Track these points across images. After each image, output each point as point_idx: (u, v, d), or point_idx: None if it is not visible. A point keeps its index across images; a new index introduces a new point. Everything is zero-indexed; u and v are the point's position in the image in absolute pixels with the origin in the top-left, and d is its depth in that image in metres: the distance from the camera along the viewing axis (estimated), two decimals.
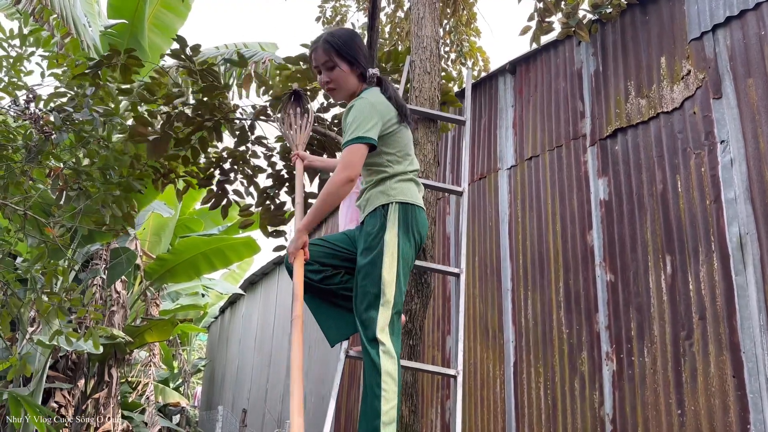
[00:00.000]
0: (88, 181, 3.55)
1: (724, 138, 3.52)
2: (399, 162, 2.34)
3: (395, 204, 2.27)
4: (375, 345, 2.11)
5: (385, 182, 2.31)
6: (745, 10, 3.49)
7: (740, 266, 3.33)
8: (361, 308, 2.19)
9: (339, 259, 2.43)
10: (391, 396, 2.05)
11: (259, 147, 4.43)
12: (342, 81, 2.38)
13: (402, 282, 2.24)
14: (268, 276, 12.45)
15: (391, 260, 2.20)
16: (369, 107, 2.26)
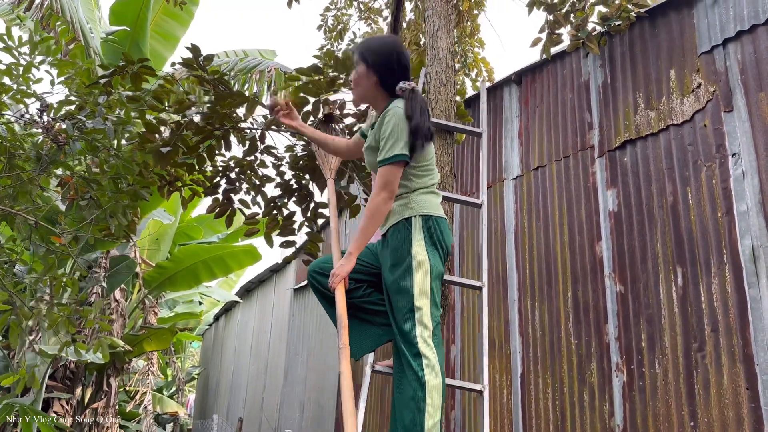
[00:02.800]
0: (99, 190, 3.51)
1: (736, 151, 3.54)
2: (422, 176, 2.35)
3: (418, 217, 2.28)
4: (419, 359, 2.11)
5: (407, 196, 2.32)
6: (756, 24, 3.52)
7: (753, 279, 3.35)
8: (399, 324, 2.18)
9: (362, 273, 2.42)
10: (435, 411, 2.05)
11: (268, 156, 4.41)
12: (357, 82, 2.42)
13: (435, 293, 2.24)
14: (265, 283, 12.41)
15: (421, 273, 2.20)
16: (404, 121, 2.27)
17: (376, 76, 2.39)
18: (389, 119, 2.27)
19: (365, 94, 2.42)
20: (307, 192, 4.28)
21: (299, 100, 3.87)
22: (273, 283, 11.82)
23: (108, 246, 5.34)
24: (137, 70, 3.92)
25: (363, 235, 2.26)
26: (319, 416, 8.34)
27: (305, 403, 9.00)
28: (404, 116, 2.28)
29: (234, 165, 4.62)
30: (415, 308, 2.18)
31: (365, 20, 7.04)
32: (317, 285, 2.42)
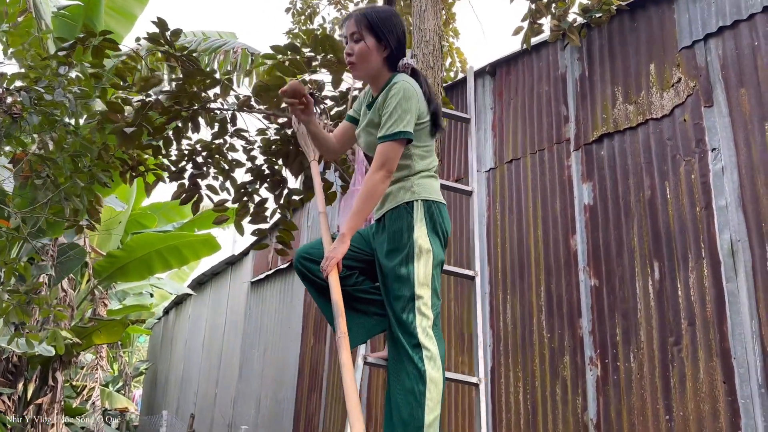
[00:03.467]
0: (55, 169, 3.25)
1: (716, 146, 3.56)
2: (425, 157, 2.23)
3: (420, 201, 2.15)
4: (418, 350, 1.98)
5: (408, 178, 2.19)
6: (738, 20, 3.54)
7: (731, 273, 3.37)
8: (398, 313, 2.05)
9: (353, 260, 2.28)
10: (435, 405, 1.93)
11: (239, 140, 4.21)
12: (364, 58, 2.22)
13: (436, 282, 2.12)
14: (219, 276, 12.07)
15: (423, 261, 2.08)
16: (413, 96, 2.14)
17: (388, 51, 2.24)
18: (395, 93, 2.14)
19: (372, 69, 2.26)
20: (281, 178, 4.10)
21: (275, 80, 3.69)
22: (228, 276, 11.50)
23: (59, 232, 5.01)
24: (99, 44, 3.67)
25: (358, 215, 2.13)
26: (277, 412, 8.14)
27: (261, 398, 8.78)
28: (413, 92, 2.16)
29: (201, 149, 4.40)
30: (416, 297, 2.06)
31: (335, 5, 6.87)
32: (305, 271, 2.27)
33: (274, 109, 3.79)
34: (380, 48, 2.23)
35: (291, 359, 8.07)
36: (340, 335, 1.89)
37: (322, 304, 2.28)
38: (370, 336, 2.26)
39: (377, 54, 2.23)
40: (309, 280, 2.29)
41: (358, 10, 2.28)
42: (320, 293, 2.28)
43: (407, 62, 2.27)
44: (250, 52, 5.81)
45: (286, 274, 8.95)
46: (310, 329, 7.81)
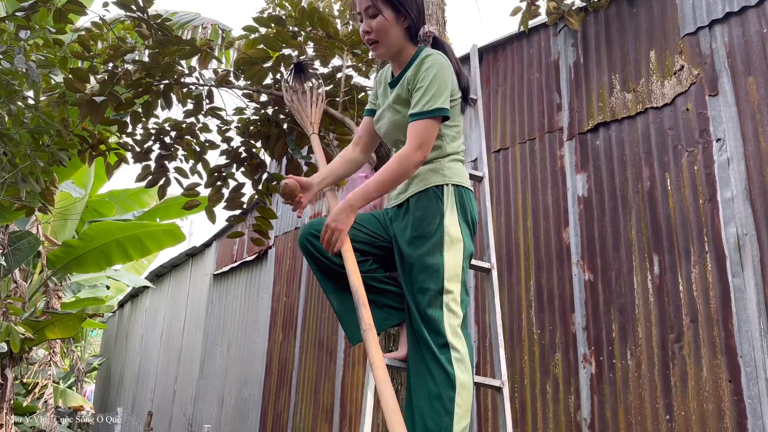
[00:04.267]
0: (13, 147, 2.89)
1: (721, 136, 3.43)
2: (454, 139, 2.00)
3: (451, 186, 1.93)
4: (446, 351, 1.75)
5: (438, 160, 1.96)
6: (746, 6, 3.41)
7: (738, 268, 3.24)
8: (424, 308, 1.81)
9: (369, 245, 2.04)
10: (465, 413, 1.70)
11: (214, 119, 3.89)
12: (384, 33, 1.99)
13: (465, 276, 1.89)
14: (179, 268, 11.60)
15: (454, 251, 1.85)
16: (448, 71, 1.92)
17: (408, 22, 2.01)
18: (430, 66, 1.91)
19: (394, 44, 2.02)
20: (260, 161, 3.81)
21: (258, 53, 3.39)
22: (189, 268, 11.05)
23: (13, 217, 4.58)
24: (63, 6, 3.30)
25: (376, 188, 1.88)
26: (242, 410, 7.81)
27: (225, 396, 8.42)
28: (448, 66, 1.93)
29: (170, 128, 4.06)
30: (444, 291, 1.82)
31: None
32: (313, 250, 2.00)
33: (257, 86, 3.49)
34: (400, 20, 2.01)
35: (257, 355, 7.75)
36: (366, 327, 1.64)
37: (330, 289, 2.03)
38: (380, 331, 2.01)
39: (397, 27, 2.01)
40: (316, 260, 2.02)
41: None
42: (328, 277, 2.03)
43: (428, 30, 2.04)
44: (220, 27, 5.47)
45: (252, 266, 8.60)
46: (278, 324, 7.50)
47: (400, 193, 2.04)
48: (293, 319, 7.19)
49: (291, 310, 7.28)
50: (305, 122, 2.53)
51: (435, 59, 1.94)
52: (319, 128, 2.53)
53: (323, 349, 6.45)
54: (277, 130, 3.66)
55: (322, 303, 6.65)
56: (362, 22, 2.03)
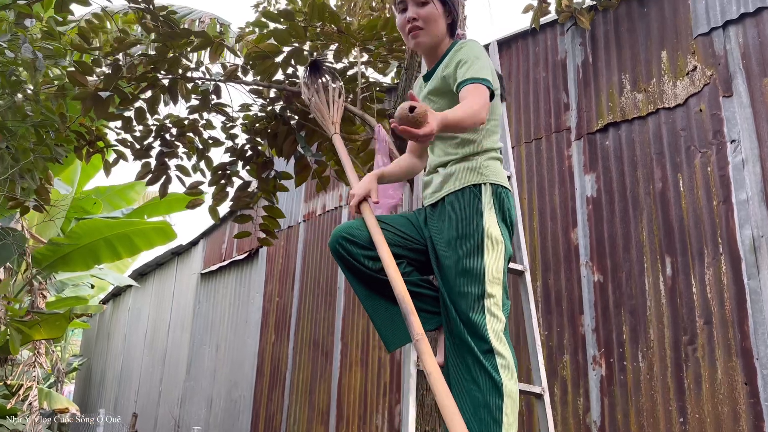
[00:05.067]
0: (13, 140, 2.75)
1: (735, 137, 3.42)
2: (493, 133, 1.93)
3: (489, 185, 1.85)
4: (491, 358, 1.67)
5: (475, 157, 1.89)
6: (762, 7, 3.40)
7: (753, 270, 3.23)
8: (466, 313, 1.74)
9: (402, 247, 1.96)
10: (513, 422, 1.63)
11: (218, 115, 3.78)
12: (433, 21, 1.95)
13: (506, 279, 1.82)
14: (164, 267, 11.39)
15: (495, 253, 1.78)
16: (486, 56, 1.85)
17: (450, 18, 2.01)
18: (469, 47, 1.87)
19: (438, 35, 1.99)
20: (267, 159, 3.71)
21: (270, 48, 3.30)
22: (174, 267, 10.86)
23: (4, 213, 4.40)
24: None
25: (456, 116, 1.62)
26: (232, 411, 7.68)
27: (214, 397, 8.28)
28: (485, 52, 1.88)
29: (171, 124, 3.94)
30: (486, 294, 1.75)
31: None
32: (347, 255, 1.92)
33: (267, 81, 3.39)
34: (446, 14, 1.99)
35: (248, 356, 7.62)
36: (418, 338, 1.56)
37: (364, 294, 1.95)
38: None
39: (443, 20, 1.98)
40: (349, 264, 1.94)
41: None
42: (361, 281, 1.95)
43: (462, 33, 2.02)
44: (219, 22, 5.35)
45: (242, 265, 8.46)
46: (270, 325, 7.38)
47: (435, 191, 1.97)
48: (286, 320, 7.08)
49: (284, 311, 7.17)
50: (327, 122, 2.45)
51: (473, 42, 1.92)
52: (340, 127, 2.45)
53: (318, 350, 6.36)
54: (285, 128, 3.57)
55: (317, 303, 6.56)
56: (404, 11, 1.98)
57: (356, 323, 5.87)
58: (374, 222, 1.92)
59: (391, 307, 1.91)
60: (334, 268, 6.43)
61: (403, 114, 1.48)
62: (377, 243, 1.86)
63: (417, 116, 1.47)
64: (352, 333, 5.90)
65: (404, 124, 1.48)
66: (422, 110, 1.48)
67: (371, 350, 5.61)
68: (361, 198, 2.01)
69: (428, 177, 2.05)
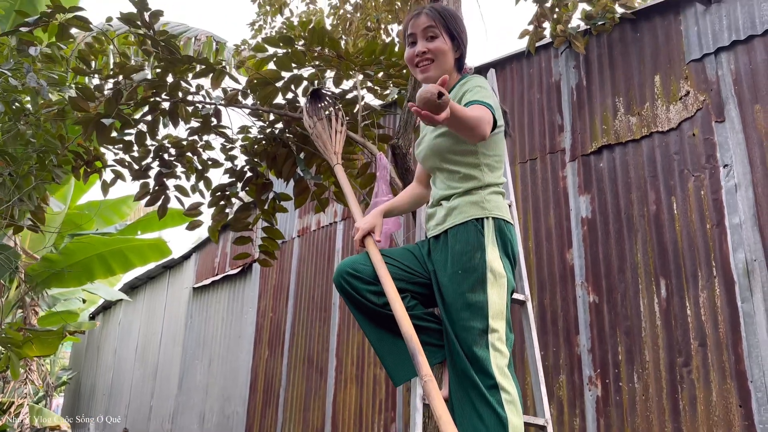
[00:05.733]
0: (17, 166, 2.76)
1: (728, 162, 3.48)
2: (495, 169, 1.96)
3: (491, 219, 1.88)
4: (496, 392, 1.70)
5: (478, 191, 1.91)
6: (753, 35, 3.48)
7: (747, 293, 3.28)
8: (470, 347, 1.76)
9: (406, 281, 1.98)
10: None
11: (218, 137, 3.80)
12: (441, 55, 1.99)
13: (509, 313, 1.85)
14: (155, 281, 11.35)
15: (497, 287, 1.80)
16: (492, 92, 1.89)
17: (459, 53, 2.05)
18: (475, 81, 1.92)
19: (447, 68, 2.02)
20: (266, 181, 3.73)
21: (271, 74, 3.33)
22: (166, 281, 10.81)
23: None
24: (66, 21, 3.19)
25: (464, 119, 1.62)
26: (225, 427, 7.64)
27: (206, 412, 8.23)
28: (490, 88, 1.92)
29: (170, 145, 3.95)
30: (489, 329, 1.78)
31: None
32: (352, 291, 1.94)
33: (267, 105, 3.42)
34: (454, 48, 2.03)
35: (241, 372, 7.59)
36: (427, 379, 1.58)
37: (370, 328, 1.97)
38: None
39: (452, 54, 2.02)
40: (353, 300, 1.96)
41: (428, 7, 2.04)
42: (367, 316, 1.97)
43: (469, 66, 2.06)
44: (215, 40, 5.38)
45: (235, 280, 8.45)
46: (264, 340, 7.37)
47: (438, 224, 2.00)
48: (280, 336, 7.07)
49: (278, 326, 7.16)
50: (329, 152, 2.48)
51: (479, 78, 1.97)
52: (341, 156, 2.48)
53: (313, 367, 6.36)
54: (285, 150, 3.60)
55: (312, 318, 6.56)
56: (413, 44, 2.02)
57: (351, 339, 5.88)
58: (379, 257, 1.94)
59: (397, 341, 1.93)
60: (328, 284, 6.44)
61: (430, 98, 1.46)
62: (382, 279, 1.88)
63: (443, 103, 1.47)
64: (347, 349, 5.90)
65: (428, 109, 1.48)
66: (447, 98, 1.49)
67: (366, 367, 5.62)
68: (365, 233, 2.04)
69: (432, 209, 2.08)
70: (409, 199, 2.24)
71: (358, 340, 5.81)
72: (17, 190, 2.77)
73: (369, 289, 1.94)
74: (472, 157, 1.92)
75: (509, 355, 1.81)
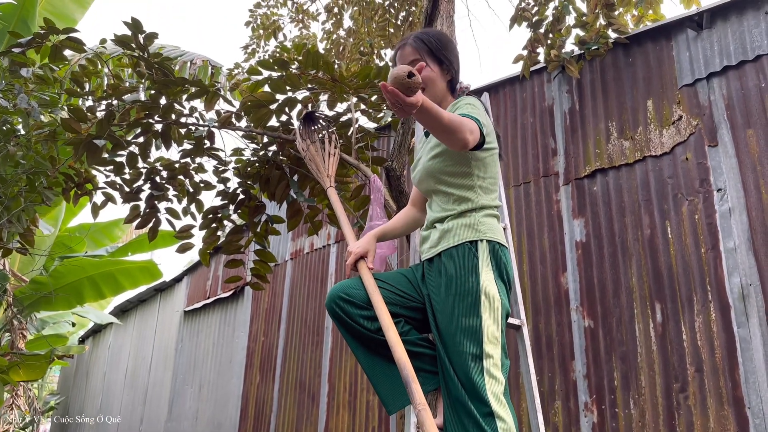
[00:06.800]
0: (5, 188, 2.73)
1: (721, 186, 3.48)
2: (489, 191, 1.94)
3: (485, 242, 1.85)
4: (492, 421, 1.65)
5: (471, 214, 1.89)
6: (744, 61, 3.51)
7: (742, 318, 3.26)
8: (465, 374, 1.72)
9: (400, 306, 1.94)
10: None
11: (211, 159, 3.78)
12: (432, 82, 1.98)
13: (504, 338, 1.82)
14: (146, 304, 11.24)
15: (492, 312, 1.77)
16: (484, 112, 1.88)
17: (450, 75, 2.03)
18: (467, 102, 1.90)
19: (438, 95, 2.01)
20: (259, 204, 3.70)
21: (265, 97, 3.32)
22: (157, 304, 10.70)
23: None
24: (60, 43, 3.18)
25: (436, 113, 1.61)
26: None
27: None
28: (483, 108, 1.90)
29: (162, 167, 3.93)
30: (484, 355, 1.74)
31: (296, 23, 6.53)
32: (344, 316, 1.90)
33: (261, 128, 3.41)
34: (443, 73, 2.02)
35: (232, 397, 7.48)
36: (420, 408, 1.54)
37: (363, 355, 1.92)
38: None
39: (442, 79, 2.01)
40: (346, 325, 1.92)
41: (411, 36, 2.05)
42: (360, 342, 1.92)
43: (465, 85, 2.04)
44: (211, 64, 5.39)
45: (227, 303, 8.37)
46: (255, 365, 7.27)
47: (432, 247, 1.97)
48: (272, 360, 6.98)
49: (269, 351, 7.07)
50: (321, 175, 2.46)
51: (472, 99, 1.95)
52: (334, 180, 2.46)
53: (305, 392, 6.26)
54: (278, 172, 3.57)
55: (304, 343, 6.48)
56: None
57: (344, 365, 5.81)
58: (372, 282, 1.91)
59: (391, 368, 1.89)
60: (321, 308, 6.38)
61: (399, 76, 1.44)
62: (375, 304, 1.85)
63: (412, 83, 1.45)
64: (340, 375, 5.82)
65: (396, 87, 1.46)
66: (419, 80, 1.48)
67: (359, 393, 5.54)
68: (358, 257, 2.01)
69: (426, 232, 2.05)
70: (404, 223, 2.21)
71: (351, 365, 5.74)
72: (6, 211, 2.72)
73: (362, 314, 1.90)
74: (466, 179, 1.90)
75: (505, 381, 1.77)
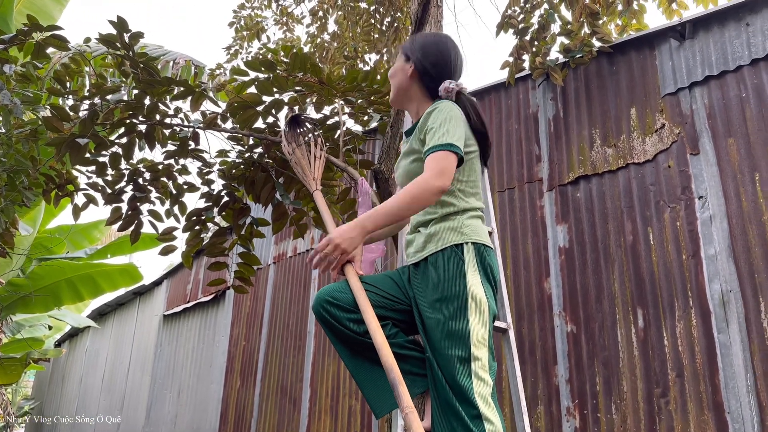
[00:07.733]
0: None
1: (703, 194, 3.54)
2: (471, 194, 1.94)
3: (470, 245, 1.85)
4: (479, 423, 1.65)
5: (455, 217, 1.89)
6: (726, 71, 3.57)
7: (723, 324, 3.30)
8: (453, 377, 1.72)
9: (387, 308, 1.94)
10: None
11: (195, 161, 3.74)
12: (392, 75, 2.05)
13: (491, 340, 1.82)
14: (124, 307, 11.09)
15: (479, 314, 1.77)
16: (458, 118, 1.87)
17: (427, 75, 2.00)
18: (439, 111, 1.88)
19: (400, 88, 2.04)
20: (244, 206, 3.67)
21: (252, 98, 3.30)
22: (135, 308, 10.57)
23: None
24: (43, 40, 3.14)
25: (386, 216, 1.79)
26: None
27: None
28: (458, 114, 1.89)
29: (145, 169, 3.89)
30: (472, 358, 1.74)
31: (280, 26, 6.51)
32: (331, 320, 1.89)
33: (247, 129, 3.39)
34: (407, 66, 2.03)
35: (211, 402, 7.40)
36: (408, 411, 1.53)
37: (350, 358, 1.91)
38: None
39: (402, 73, 2.03)
40: (334, 329, 1.91)
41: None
42: (347, 346, 1.91)
43: (450, 86, 2.00)
44: (194, 63, 5.35)
45: (207, 307, 8.29)
46: (236, 370, 7.21)
47: (417, 251, 1.97)
48: (253, 365, 6.93)
49: (250, 355, 7.02)
50: (307, 178, 2.45)
51: (444, 105, 1.90)
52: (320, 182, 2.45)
53: (286, 397, 6.22)
54: (264, 175, 3.55)
55: (286, 347, 6.44)
56: None
57: (326, 369, 5.78)
58: (359, 285, 1.89)
59: (377, 370, 1.88)
60: (304, 312, 6.35)
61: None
62: (362, 308, 1.84)
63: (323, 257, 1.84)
64: (322, 379, 5.79)
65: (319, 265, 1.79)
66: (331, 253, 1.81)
67: (341, 398, 5.51)
68: (344, 260, 2.00)
69: (411, 236, 2.05)
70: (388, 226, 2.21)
71: (334, 369, 5.71)
72: None
73: (349, 318, 1.89)
74: None
75: (492, 383, 1.77)
